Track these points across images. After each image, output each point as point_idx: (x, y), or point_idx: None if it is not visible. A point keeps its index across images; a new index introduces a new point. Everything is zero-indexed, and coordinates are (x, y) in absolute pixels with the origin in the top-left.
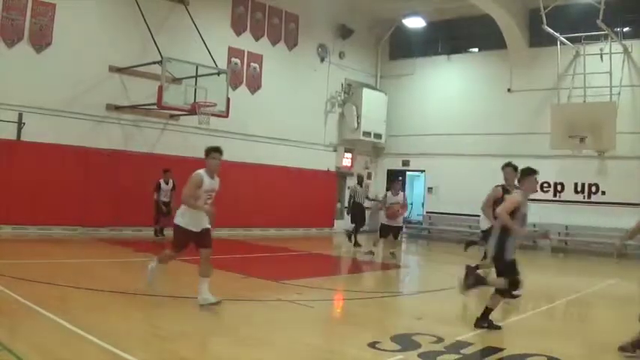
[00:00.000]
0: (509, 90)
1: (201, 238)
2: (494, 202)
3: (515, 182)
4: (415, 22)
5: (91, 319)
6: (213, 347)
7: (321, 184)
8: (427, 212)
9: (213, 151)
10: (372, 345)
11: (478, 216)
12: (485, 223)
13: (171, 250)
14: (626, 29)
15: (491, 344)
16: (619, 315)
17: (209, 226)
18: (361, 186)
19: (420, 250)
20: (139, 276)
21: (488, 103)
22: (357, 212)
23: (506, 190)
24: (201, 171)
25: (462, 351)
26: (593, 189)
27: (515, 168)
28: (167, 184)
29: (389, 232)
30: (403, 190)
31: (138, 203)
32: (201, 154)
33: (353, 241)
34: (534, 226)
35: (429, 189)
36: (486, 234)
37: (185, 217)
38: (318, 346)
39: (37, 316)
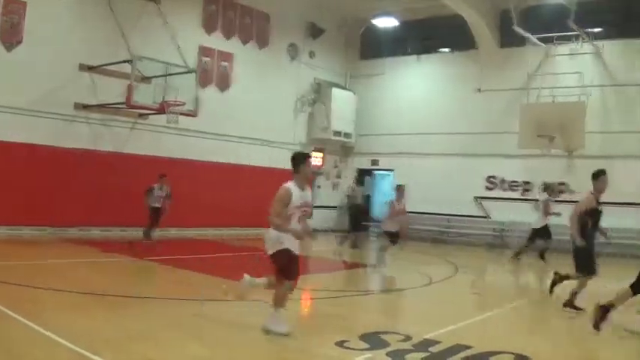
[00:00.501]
0: (479, 90)
1: (289, 261)
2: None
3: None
4: (385, 22)
5: (60, 321)
6: (179, 348)
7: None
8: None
9: (308, 157)
10: (341, 344)
11: (448, 215)
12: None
13: (281, 282)
14: (597, 30)
15: (459, 342)
16: (586, 311)
17: (297, 253)
18: (358, 185)
19: (389, 249)
20: (107, 276)
21: (457, 103)
22: (357, 214)
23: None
24: (290, 184)
25: (430, 349)
26: (562, 188)
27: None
28: (161, 189)
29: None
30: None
31: (107, 203)
32: (172, 154)
33: (351, 244)
34: (503, 224)
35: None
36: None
37: (275, 240)
38: (287, 345)
39: (8, 319)
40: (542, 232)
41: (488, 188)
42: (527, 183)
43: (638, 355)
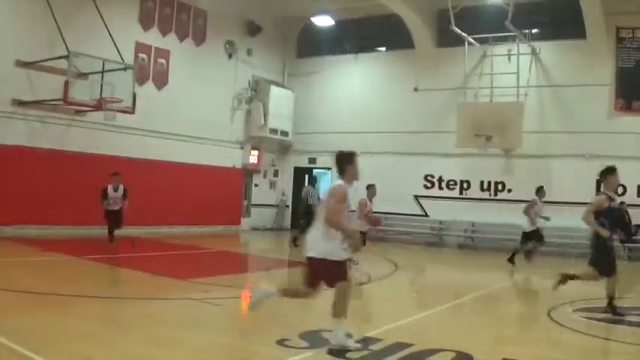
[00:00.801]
0: (416, 89)
1: (339, 267)
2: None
3: None
4: (324, 21)
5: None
6: (121, 347)
7: (228, 182)
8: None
9: (353, 155)
10: (281, 342)
11: (386, 213)
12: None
13: (305, 288)
14: (534, 31)
15: (400, 340)
16: (524, 309)
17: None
18: (314, 187)
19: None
20: (47, 275)
21: (395, 102)
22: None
23: (611, 199)
24: (342, 182)
25: (370, 347)
26: (500, 187)
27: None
28: (116, 190)
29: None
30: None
31: (44, 201)
32: (109, 151)
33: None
34: (440, 223)
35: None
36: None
37: (327, 244)
38: (226, 344)
39: None
40: (534, 235)
41: (426, 187)
42: (464, 182)
43: (581, 354)
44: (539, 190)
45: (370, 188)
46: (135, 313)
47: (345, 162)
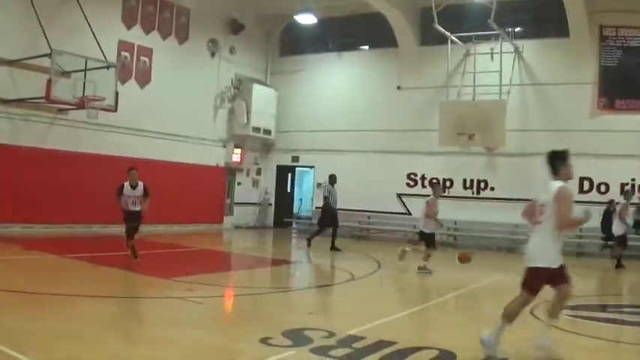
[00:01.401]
0: (398, 87)
1: (563, 271)
2: None
3: None
4: (307, 19)
5: None
6: (106, 346)
7: (211, 180)
8: (317, 207)
9: (566, 154)
10: (264, 341)
11: (369, 211)
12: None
13: (527, 294)
14: (517, 29)
15: (383, 338)
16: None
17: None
18: (333, 186)
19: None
20: (30, 274)
21: (378, 100)
22: (330, 216)
23: None
24: (562, 182)
25: (353, 345)
26: (482, 185)
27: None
28: (134, 188)
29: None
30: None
31: (27, 199)
32: (91, 149)
33: (310, 243)
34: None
35: (319, 184)
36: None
37: (553, 251)
38: (209, 342)
39: None
40: (624, 239)
41: (409, 185)
42: (447, 180)
43: (565, 351)
44: (627, 194)
45: (436, 187)
46: (119, 312)
47: (559, 161)
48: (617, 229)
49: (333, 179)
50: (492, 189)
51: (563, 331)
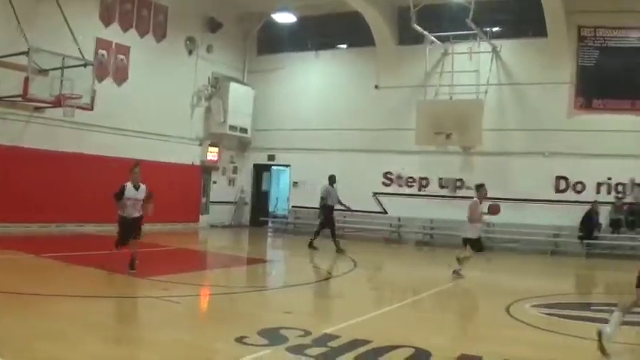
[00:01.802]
0: (376, 87)
1: None
2: None
3: None
4: (284, 17)
5: None
6: (86, 346)
7: (187, 179)
8: (293, 207)
9: None
10: (240, 340)
11: (344, 210)
12: None
13: None
14: (495, 29)
15: (358, 337)
16: (482, 305)
17: None
18: (333, 187)
19: (286, 244)
20: (4, 273)
21: (355, 99)
22: (326, 217)
23: None
24: None
25: (329, 344)
26: (459, 184)
27: None
28: (137, 189)
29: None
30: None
31: (3, 198)
32: (67, 147)
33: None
34: (399, 220)
35: (295, 183)
36: None
37: None
38: (186, 341)
39: None
40: None
41: (385, 184)
42: (423, 179)
43: (540, 350)
44: None
45: (480, 189)
46: (96, 311)
47: None
48: None
49: (332, 180)
50: (469, 188)
51: (539, 329)
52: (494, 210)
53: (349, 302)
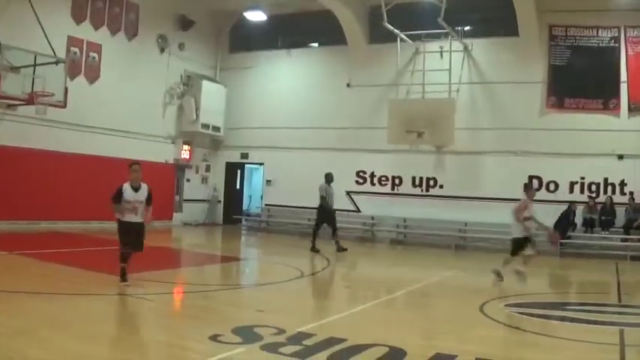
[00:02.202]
0: (348, 85)
1: None
2: None
3: None
4: (256, 16)
5: None
6: (57, 344)
7: (160, 177)
8: (266, 205)
9: None
10: (214, 338)
11: (317, 209)
12: None
13: None
14: (466, 28)
15: (333, 335)
16: (456, 304)
17: None
18: (330, 185)
19: (260, 243)
20: None
21: (327, 98)
22: (329, 216)
23: None
24: None
25: (304, 342)
26: (431, 182)
27: None
28: (137, 190)
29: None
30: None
31: None
32: (40, 145)
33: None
34: (372, 218)
35: (268, 181)
36: None
37: None
38: (159, 339)
39: None
40: None
41: (358, 183)
42: (396, 178)
43: (514, 348)
44: None
45: (529, 189)
46: (67, 308)
47: None
48: None
49: (329, 178)
50: (441, 187)
51: (513, 328)
52: (553, 239)
53: (324, 301)
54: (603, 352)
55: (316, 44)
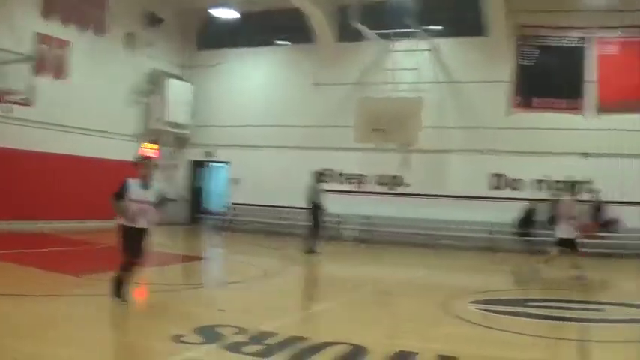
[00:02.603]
0: (315, 83)
1: None
2: None
3: None
4: (225, 13)
5: None
6: (15, 346)
7: (126, 175)
8: (233, 204)
9: None
10: (176, 338)
11: (285, 207)
12: None
13: None
14: (435, 27)
15: (295, 334)
16: (420, 302)
17: None
18: (319, 184)
19: (223, 242)
20: None
21: (294, 96)
22: (316, 217)
23: None
24: None
25: (265, 341)
26: (397, 181)
27: None
28: (146, 188)
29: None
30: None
31: None
32: (6, 144)
33: (311, 249)
34: (338, 216)
35: (234, 180)
36: None
37: None
38: (120, 340)
39: None
40: None
41: (324, 181)
42: (362, 176)
43: (478, 345)
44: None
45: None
46: (27, 311)
47: None
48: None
49: (318, 177)
50: (408, 185)
51: (476, 325)
52: (585, 230)
53: (286, 299)
54: (567, 347)
55: (284, 42)
